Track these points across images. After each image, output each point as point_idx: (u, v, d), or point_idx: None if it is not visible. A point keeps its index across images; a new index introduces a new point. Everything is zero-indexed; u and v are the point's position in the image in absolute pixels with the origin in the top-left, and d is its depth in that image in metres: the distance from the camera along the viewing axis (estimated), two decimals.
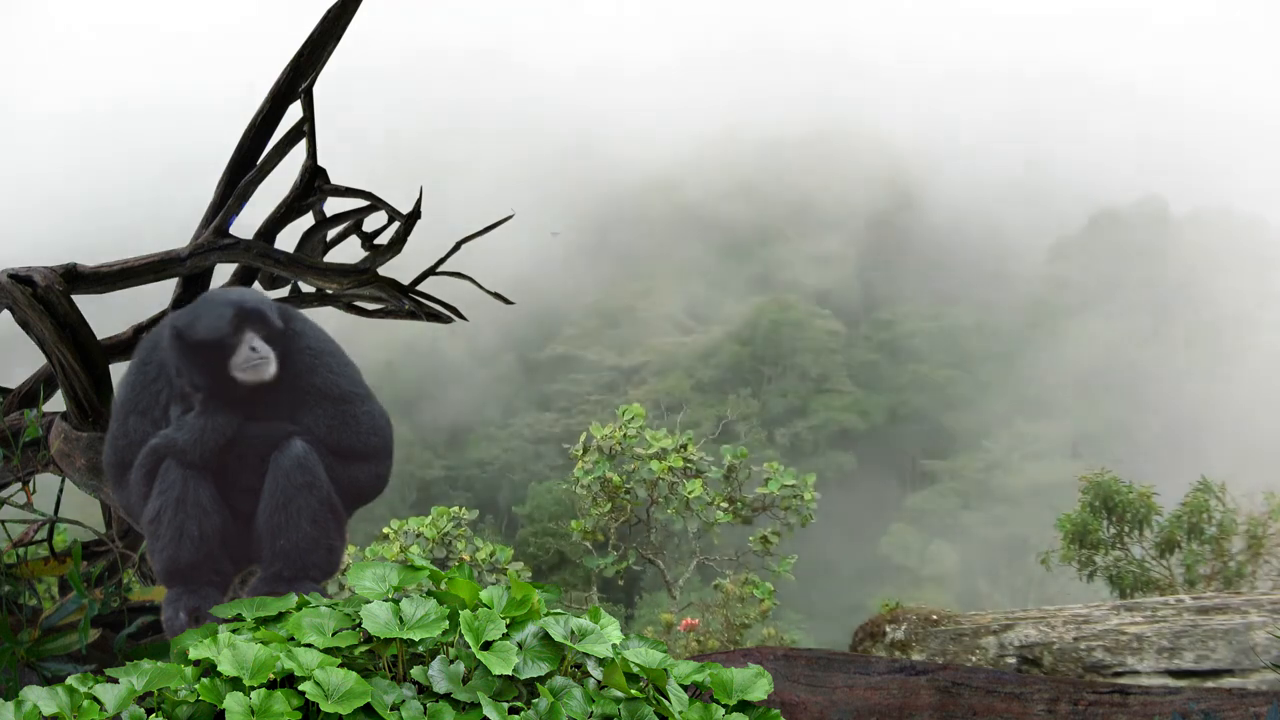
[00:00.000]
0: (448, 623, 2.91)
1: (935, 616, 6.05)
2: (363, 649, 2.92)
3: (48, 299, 4.24)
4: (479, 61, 76.97)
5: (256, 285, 5.00)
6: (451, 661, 2.86)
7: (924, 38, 78.10)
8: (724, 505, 12.82)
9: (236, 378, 3.72)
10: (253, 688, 2.69)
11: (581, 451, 13.39)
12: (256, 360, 3.74)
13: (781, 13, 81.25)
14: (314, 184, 4.77)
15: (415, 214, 4.86)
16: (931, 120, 70.15)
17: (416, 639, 2.87)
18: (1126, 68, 72.50)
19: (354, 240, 5.13)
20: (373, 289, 4.83)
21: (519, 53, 78.20)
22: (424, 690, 2.81)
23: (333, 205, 4.98)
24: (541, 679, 2.87)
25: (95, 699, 2.69)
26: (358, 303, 5.13)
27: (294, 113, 4.70)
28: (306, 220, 4.99)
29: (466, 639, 2.85)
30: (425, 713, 2.73)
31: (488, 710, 2.72)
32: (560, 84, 75.00)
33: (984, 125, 68.80)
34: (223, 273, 4.86)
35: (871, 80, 74.05)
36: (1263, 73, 68.46)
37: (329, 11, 4.61)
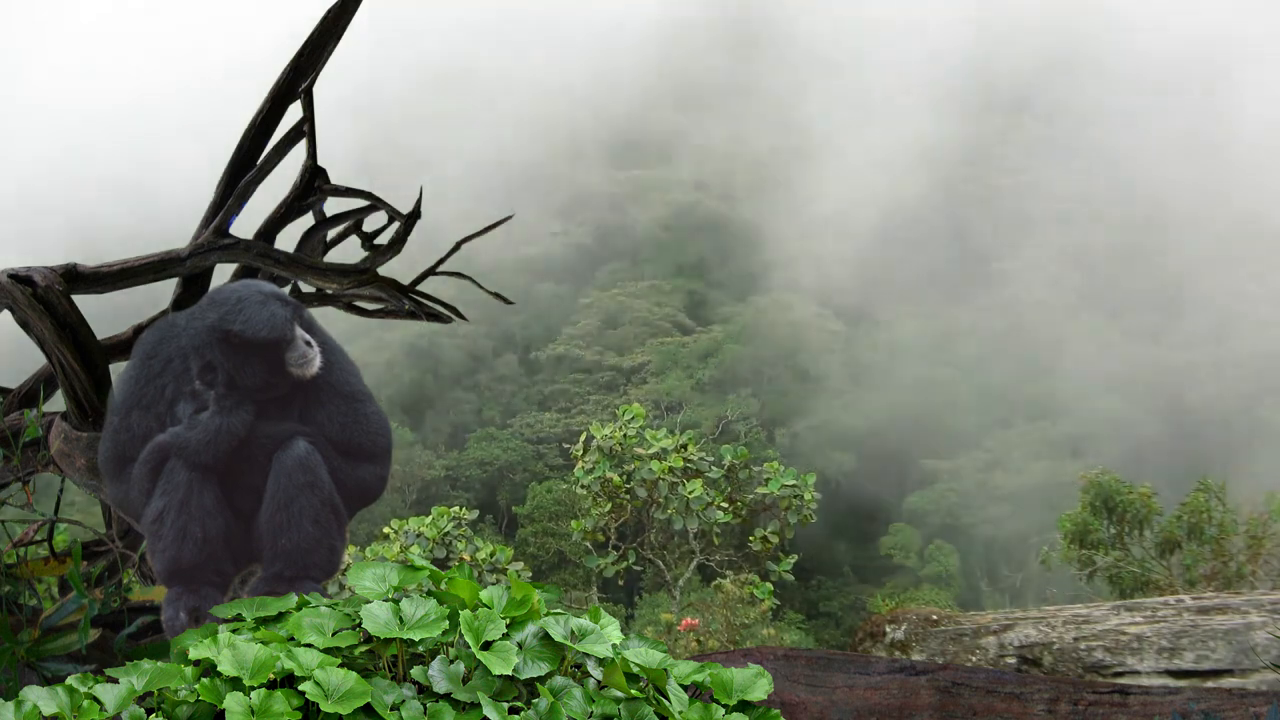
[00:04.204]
0: (448, 623, 2.91)
1: (935, 616, 6.05)
2: (363, 649, 2.92)
3: (48, 299, 4.23)
4: (482, 54, 77.00)
5: None
6: (451, 661, 2.85)
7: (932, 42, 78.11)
8: (724, 505, 12.82)
9: (292, 373, 3.73)
10: (253, 688, 2.69)
11: (582, 451, 13.40)
12: (312, 355, 3.76)
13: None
14: (314, 184, 4.77)
15: (415, 214, 4.85)
16: (933, 119, 70.16)
17: (416, 639, 2.87)
18: (1124, 67, 72.53)
19: (354, 240, 5.13)
20: (373, 289, 4.82)
21: (525, 53, 78.21)
22: (424, 690, 2.81)
23: (333, 205, 4.97)
24: (541, 679, 2.87)
25: (95, 699, 2.69)
26: (358, 303, 5.13)
27: (294, 113, 4.70)
28: (306, 220, 4.98)
29: (466, 639, 2.85)
30: (425, 713, 2.73)
31: (488, 710, 2.72)
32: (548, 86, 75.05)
33: (983, 125, 68.80)
34: (223, 272, 4.86)
35: (868, 80, 74.07)
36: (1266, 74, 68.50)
37: (329, 11, 4.61)
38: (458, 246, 4.98)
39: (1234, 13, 73.91)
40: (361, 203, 4.95)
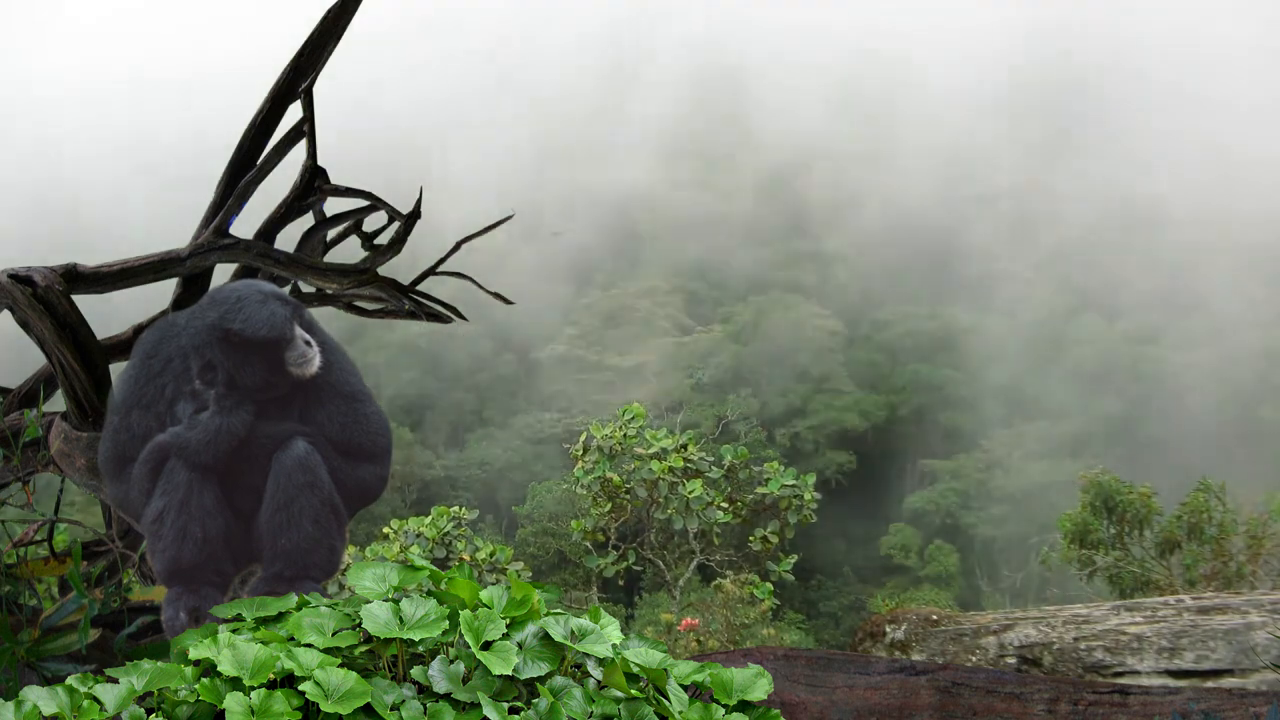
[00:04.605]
0: (448, 623, 2.91)
1: (935, 616, 6.05)
2: (363, 649, 2.92)
3: (48, 299, 4.23)
4: (476, 52, 77.03)
5: None
6: (451, 661, 2.86)
7: (930, 44, 78.19)
8: (724, 505, 12.81)
9: (291, 373, 3.74)
10: (253, 688, 2.69)
11: (582, 451, 13.40)
12: (312, 354, 3.76)
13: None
14: (314, 184, 4.77)
15: (415, 214, 4.85)
16: (932, 120, 70.19)
17: (416, 639, 2.87)
18: (1126, 66, 72.56)
19: (354, 240, 5.13)
20: (373, 289, 4.82)
21: (526, 48, 78.29)
22: (424, 690, 2.81)
23: (333, 205, 4.97)
24: (541, 679, 2.87)
25: (95, 699, 2.69)
26: (358, 303, 5.13)
27: (294, 113, 4.70)
28: (306, 220, 4.98)
29: (466, 639, 2.85)
30: (425, 713, 2.73)
31: (488, 710, 2.72)
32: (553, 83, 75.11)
33: (984, 120, 68.83)
34: (223, 272, 4.86)
35: (872, 87, 74.10)
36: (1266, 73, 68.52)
37: (329, 12, 4.61)
38: (458, 246, 4.98)
39: (1240, 16, 73.92)
40: (361, 203, 4.95)
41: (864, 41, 77.16)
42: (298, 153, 4.73)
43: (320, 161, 4.74)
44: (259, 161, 4.66)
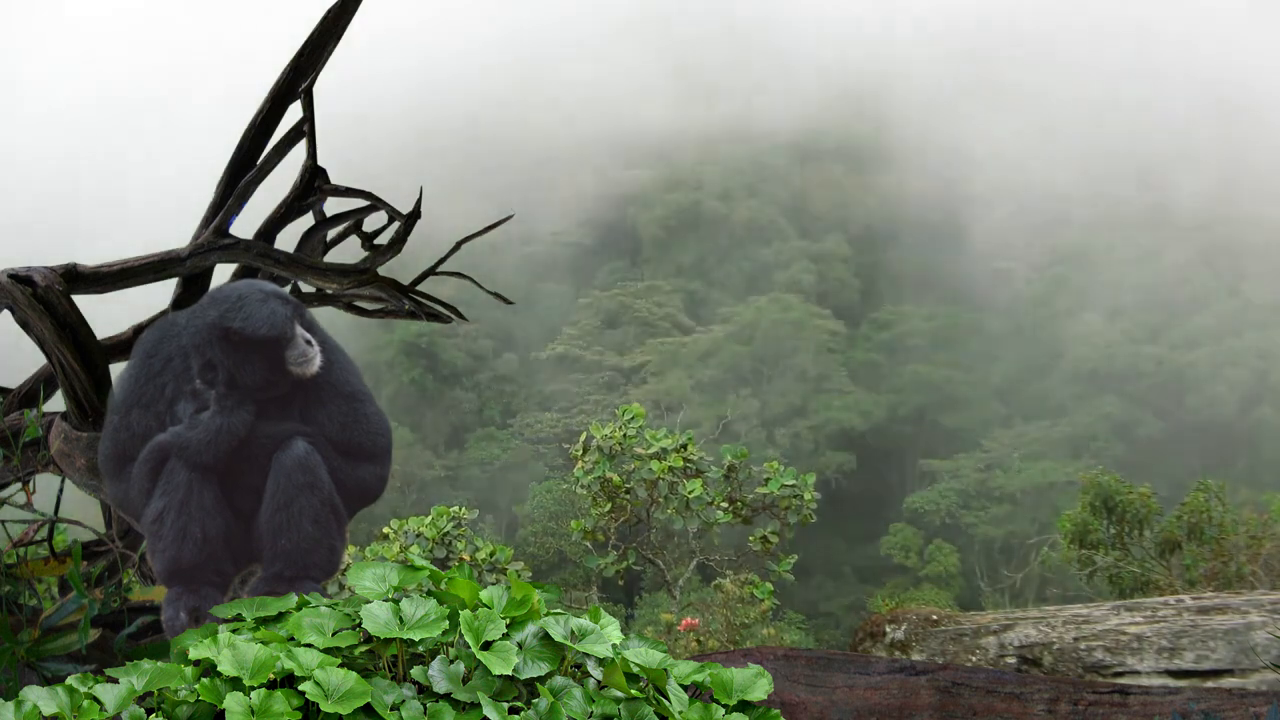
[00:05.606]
0: (448, 623, 2.91)
1: (935, 616, 6.05)
2: (363, 649, 2.92)
3: (48, 299, 4.23)
4: (478, 59, 77.00)
5: None
6: (451, 661, 2.86)
7: (929, 37, 78.13)
8: (724, 505, 12.80)
9: (292, 372, 3.74)
10: (253, 688, 2.69)
11: (581, 451, 13.38)
12: (312, 353, 3.76)
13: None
14: (314, 184, 4.76)
15: (415, 214, 4.85)
16: (932, 117, 70.17)
17: (416, 639, 2.87)
18: (1128, 66, 72.50)
19: (354, 240, 5.12)
20: (373, 289, 4.82)
21: (526, 55, 78.27)
22: (424, 690, 2.81)
23: (333, 205, 4.97)
24: (541, 679, 2.87)
25: (95, 699, 2.69)
26: (358, 303, 5.13)
27: (294, 112, 4.70)
28: (306, 220, 4.98)
29: (466, 639, 2.85)
30: (425, 713, 2.73)
31: (488, 710, 2.72)
32: (565, 86, 75.12)
33: (983, 120, 68.80)
34: (223, 272, 4.85)
35: (869, 80, 74.06)
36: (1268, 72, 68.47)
37: (329, 12, 4.61)
38: (458, 246, 4.97)
39: (1248, 19, 73.86)
40: (361, 203, 4.94)
41: (863, 39, 77.11)
42: (298, 152, 4.72)
43: (320, 161, 4.74)
44: (259, 161, 4.65)
